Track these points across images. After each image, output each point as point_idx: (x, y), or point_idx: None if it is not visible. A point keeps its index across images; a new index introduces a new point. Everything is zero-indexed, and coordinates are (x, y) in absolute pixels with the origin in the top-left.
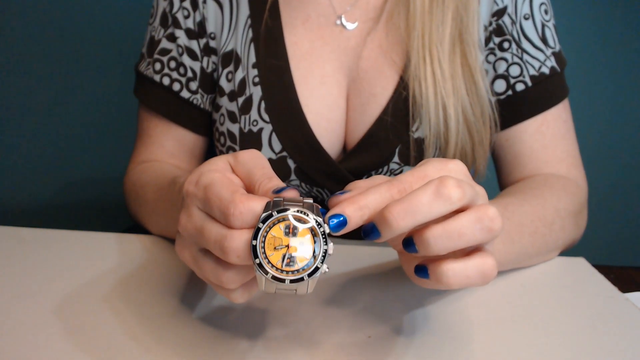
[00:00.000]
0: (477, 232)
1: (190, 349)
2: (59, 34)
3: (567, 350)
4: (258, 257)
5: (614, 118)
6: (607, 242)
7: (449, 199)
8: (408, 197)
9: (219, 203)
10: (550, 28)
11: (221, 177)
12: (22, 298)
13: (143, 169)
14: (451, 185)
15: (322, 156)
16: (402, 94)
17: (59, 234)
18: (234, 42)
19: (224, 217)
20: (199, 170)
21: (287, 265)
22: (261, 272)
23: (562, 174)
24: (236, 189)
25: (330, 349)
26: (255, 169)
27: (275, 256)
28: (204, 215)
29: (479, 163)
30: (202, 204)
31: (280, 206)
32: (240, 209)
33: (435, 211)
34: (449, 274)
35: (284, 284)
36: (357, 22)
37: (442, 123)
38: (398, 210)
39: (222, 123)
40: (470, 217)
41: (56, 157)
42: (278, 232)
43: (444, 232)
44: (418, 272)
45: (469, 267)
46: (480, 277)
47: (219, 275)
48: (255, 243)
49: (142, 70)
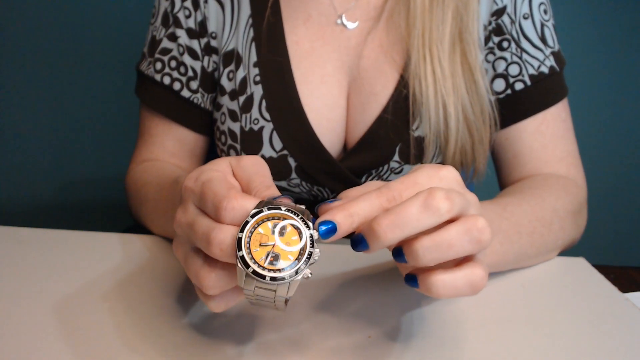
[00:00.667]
0: (466, 243)
1: (191, 349)
2: (60, 34)
3: (567, 350)
4: (242, 250)
5: (613, 118)
6: (607, 242)
7: (437, 212)
8: (396, 209)
9: (213, 197)
10: (549, 28)
11: (220, 175)
12: (22, 298)
13: (144, 168)
14: (439, 197)
15: (322, 155)
16: (403, 92)
17: (59, 234)
18: (235, 42)
19: (216, 211)
20: (200, 168)
21: (270, 264)
22: (242, 265)
23: (562, 174)
24: (232, 186)
25: (330, 349)
26: (255, 176)
27: (260, 252)
28: (197, 210)
29: (479, 162)
30: (197, 200)
31: (272, 204)
32: (232, 204)
33: (423, 224)
34: (438, 284)
35: (264, 281)
36: (358, 22)
37: (442, 121)
38: (387, 223)
39: (223, 122)
40: (459, 229)
41: (56, 157)
42: (266, 229)
43: (432, 243)
44: (408, 282)
45: (457, 278)
46: (469, 288)
47: (202, 277)
48: (240, 236)
49: (143, 69)
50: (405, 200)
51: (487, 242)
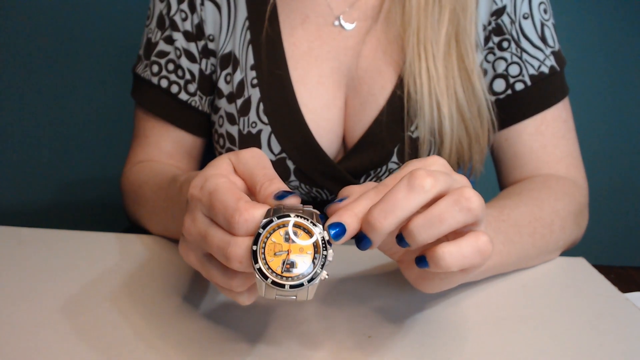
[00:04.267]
0: (457, 213)
1: (192, 347)
2: (60, 35)
3: (567, 350)
4: (258, 262)
5: (614, 117)
6: (607, 242)
7: (422, 189)
8: (385, 197)
9: (223, 210)
10: (549, 27)
11: (225, 182)
12: (22, 298)
13: (140, 169)
14: (421, 175)
15: (320, 157)
16: (400, 89)
17: (59, 234)
18: (232, 44)
19: (228, 225)
20: (203, 174)
21: (287, 271)
22: (261, 277)
23: (562, 174)
24: (240, 196)
25: (330, 349)
26: (256, 170)
27: (275, 262)
28: (208, 220)
29: (476, 160)
30: (206, 210)
31: (280, 212)
32: (245, 217)
33: (413, 203)
34: (445, 256)
35: (284, 289)
36: (356, 22)
37: (436, 121)
38: (378, 212)
39: (221, 125)
40: (447, 201)
41: (56, 157)
42: (278, 238)
43: (425, 220)
44: (418, 263)
45: (463, 246)
46: (477, 254)
47: (228, 280)
48: (255, 248)
49: (140, 72)
50: (392, 188)
51: (478, 210)
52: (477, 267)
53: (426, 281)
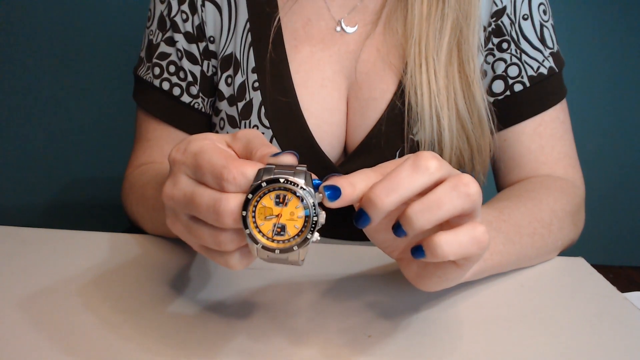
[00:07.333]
0: (455, 199)
1: (189, 347)
2: (61, 35)
3: (566, 349)
4: (248, 227)
5: (613, 118)
6: (606, 242)
7: (427, 170)
8: (389, 175)
9: (211, 169)
10: (548, 28)
11: (211, 144)
12: (22, 298)
13: (143, 171)
14: (427, 157)
15: (322, 160)
16: (401, 97)
17: (59, 234)
18: (233, 46)
19: (218, 182)
20: (186, 139)
21: (278, 235)
22: (252, 241)
23: (559, 175)
24: (228, 154)
25: (330, 348)
26: (255, 139)
27: (266, 226)
28: (193, 182)
29: (478, 171)
30: (191, 171)
31: (271, 174)
32: (234, 174)
33: (416, 183)
34: (442, 244)
35: (274, 254)
36: (357, 26)
37: (436, 131)
38: (380, 189)
39: (222, 127)
40: (446, 187)
41: (56, 157)
42: (268, 202)
43: (423, 206)
44: (414, 253)
45: (460, 234)
46: (475, 243)
47: (217, 235)
48: (245, 214)
49: (141, 74)
50: (396, 167)
51: (475, 196)
52: (473, 258)
53: (425, 279)
